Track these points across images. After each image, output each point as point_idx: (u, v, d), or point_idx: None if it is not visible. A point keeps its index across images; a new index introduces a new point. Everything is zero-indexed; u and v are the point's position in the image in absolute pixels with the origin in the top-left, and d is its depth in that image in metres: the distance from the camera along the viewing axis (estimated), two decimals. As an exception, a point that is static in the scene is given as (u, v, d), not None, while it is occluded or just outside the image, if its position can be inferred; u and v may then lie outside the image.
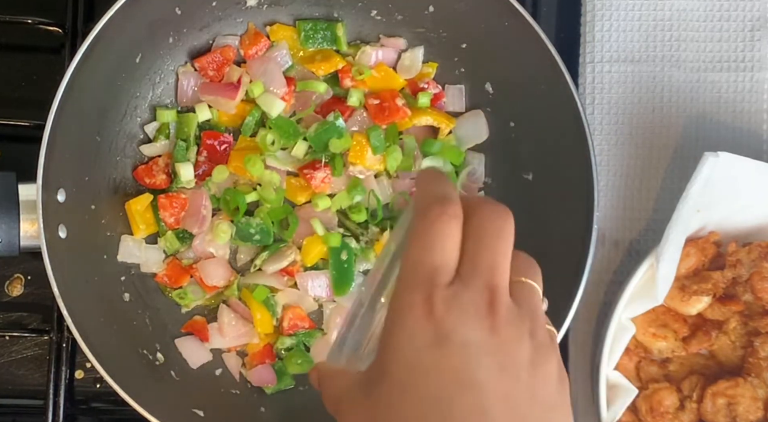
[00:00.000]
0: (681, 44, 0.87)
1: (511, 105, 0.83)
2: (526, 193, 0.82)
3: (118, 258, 0.81)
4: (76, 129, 0.75)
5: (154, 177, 0.82)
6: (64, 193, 0.74)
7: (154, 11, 0.77)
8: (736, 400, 0.78)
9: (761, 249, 0.78)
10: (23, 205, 0.72)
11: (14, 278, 0.86)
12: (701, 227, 0.80)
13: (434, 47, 0.85)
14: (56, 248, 0.72)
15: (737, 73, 0.87)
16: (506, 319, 0.45)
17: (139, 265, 0.82)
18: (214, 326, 0.82)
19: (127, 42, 0.78)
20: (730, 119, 0.87)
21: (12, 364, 0.85)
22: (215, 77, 0.83)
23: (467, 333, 0.44)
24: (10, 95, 0.87)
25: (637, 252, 0.85)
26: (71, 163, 0.76)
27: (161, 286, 0.83)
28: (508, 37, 0.79)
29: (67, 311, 0.71)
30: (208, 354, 0.82)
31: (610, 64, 0.87)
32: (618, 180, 0.86)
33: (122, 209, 0.81)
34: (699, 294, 0.78)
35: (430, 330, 0.44)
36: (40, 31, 0.86)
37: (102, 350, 0.72)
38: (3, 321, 0.85)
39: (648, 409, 0.79)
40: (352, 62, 0.84)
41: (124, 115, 0.82)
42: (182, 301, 0.82)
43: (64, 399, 0.81)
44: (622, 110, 0.87)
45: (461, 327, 0.44)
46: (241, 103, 0.83)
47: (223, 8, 0.82)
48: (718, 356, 0.81)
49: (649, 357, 0.81)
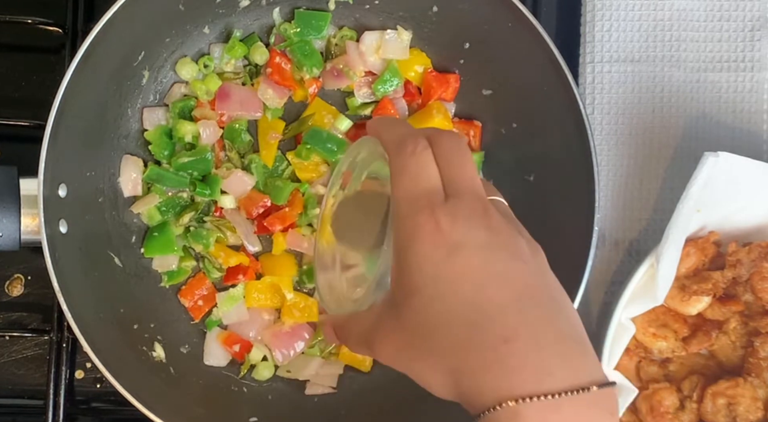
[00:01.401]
0: (681, 44, 0.87)
1: (513, 106, 0.83)
2: (527, 194, 0.82)
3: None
4: (77, 126, 0.75)
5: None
6: (65, 188, 0.74)
7: (155, 10, 0.77)
8: (736, 400, 0.78)
9: (761, 249, 0.78)
10: (24, 200, 0.72)
11: (14, 278, 0.86)
12: (701, 227, 0.80)
13: (437, 46, 0.85)
14: (57, 243, 0.72)
15: (737, 73, 0.87)
16: (500, 221, 0.51)
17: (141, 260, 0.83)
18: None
19: (128, 41, 0.78)
20: (730, 119, 0.87)
21: (12, 364, 0.85)
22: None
23: (476, 237, 0.49)
24: (10, 95, 0.87)
25: (637, 252, 0.85)
26: (73, 158, 0.76)
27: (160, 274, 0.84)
28: (510, 38, 0.79)
29: (67, 306, 0.71)
30: (226, 360, 0.83)
31: (610, 64, 0.87)
32: (618, 180, 0.86)
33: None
34: (699, 294, 0.78)
35: (443, 243, 0.49)
36: (40, 31, 0.86)
37: (101, 346, 0.72)
38: (3, 321, 0.85)
39: (648, 409, 0.79)
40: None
41: (125, 115, 0.82)
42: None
43: (64, 399, 0.81)
44: (622, 110, 0.87)
45: (469, 233, 0.49)
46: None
47: (225, 5, 0.82)
48: (718, 356, 0.81)
49: (649, 357, 0.81)
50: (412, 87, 0.86)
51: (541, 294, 0.49)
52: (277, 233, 0.83)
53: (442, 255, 0.49)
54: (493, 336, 0.48)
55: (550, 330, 0.48)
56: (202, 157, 0.82)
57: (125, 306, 0.80)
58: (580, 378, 0.47)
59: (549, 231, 0.77)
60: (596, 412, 0.47)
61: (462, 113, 0.86)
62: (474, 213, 0.50)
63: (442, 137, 0.53)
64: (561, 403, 0.46)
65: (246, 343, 0.83)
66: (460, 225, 0.49)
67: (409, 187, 0.51)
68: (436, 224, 0.49)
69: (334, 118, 0.84)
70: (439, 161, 0.52)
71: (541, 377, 0.47)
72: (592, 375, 0.48)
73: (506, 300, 0.48)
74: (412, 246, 0.50)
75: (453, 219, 0.49)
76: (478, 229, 0.49)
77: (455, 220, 0.49)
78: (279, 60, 0.84)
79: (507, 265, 0.49)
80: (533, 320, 0.48)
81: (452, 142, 0.53)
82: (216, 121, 0.83)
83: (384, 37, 0.84)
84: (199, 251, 0.83)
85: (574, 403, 0.46)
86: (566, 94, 0.77)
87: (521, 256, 0.50)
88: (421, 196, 0.50)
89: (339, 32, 0.86)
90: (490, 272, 0.49)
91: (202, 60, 0.84)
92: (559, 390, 0.46)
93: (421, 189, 0.51)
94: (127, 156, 0.82)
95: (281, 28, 0.84)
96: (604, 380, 0.48)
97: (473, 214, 0.50)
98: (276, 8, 0.85)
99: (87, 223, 0.78)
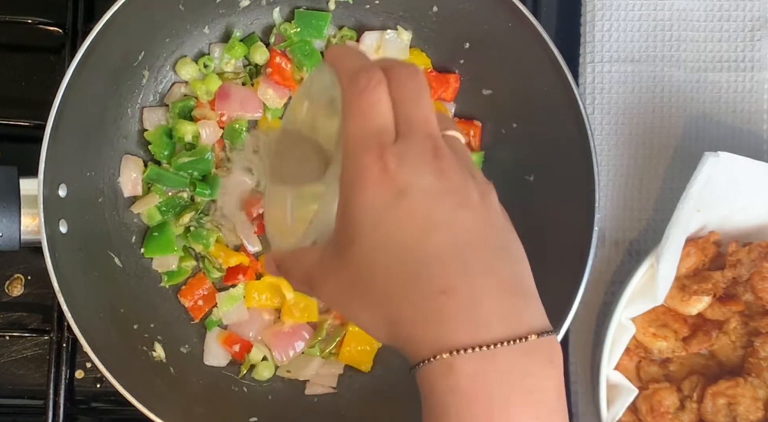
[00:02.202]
0: (681, 44, 0.87)
1: (513, 106, 0.83)
2: (527, 194, 0.82)
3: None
4: (77, 126, 0.75)
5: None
6: (65, 188, 0.74)
7: (155, 10, 0.77)
8: (736, 400, 0.78)
9: (761, 249, 0.78)
10: (24, 200, 0.72)
11: (14, 278, 0.86)
12: (701, 227, 0.80)
13: (437, 46, 0.85)
14: (57, 243, 0.72)
15: (737, 73, 0.87)
16: (450, 164, 0.48)
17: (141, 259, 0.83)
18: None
19: (128, 41, 0.78)
20: (730, 119, 0.87)
21: (12, 364, 0.85)
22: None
23: (423, 181, 0.47)
24: (10, 95, 0.87)
25: (637, 252, 0.85)
26: (73, 158, 0.76)
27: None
28: (510, 38, 0.79)
29: (67, 306, 0.71)
30: (226, 360, 0.83)
31: (610, 64, 0.87)
32: (618, 180, 0.86)
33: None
34: (699, 294, 0.78)
35: (388, 186, 0.47)
36: (40, 31, 0.86)
37: (101, 346, 0.72)
38: (3, 321, 0.85)
39: (648, 409, 0.79)
40: None
41: (125, 115, 0.82)
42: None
43: (64, 399, 0.81)
44: (622, 110, 0.87)
45: (415, 177, 0.47)
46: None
47: (225, 5, 0.82)
48: (719, 356, 0.81)
49: (649, 357, 0.81)
50: (412, 87, 0.85)
51: (485, 243, 0.48)
52: (277, 233, 0.83)
53: (386, 200, 0.47)
54: (430, 287, 0.46)
55: (491, 280, 0.47)
56: (202, 157, 0.82)
57: (125, 306, 0.80)
58: (517, 327, 0.46)
59: (549, 231, 0.77)
60: (534, 360, 0.46)
61: (462, 113, 0.86)
62: (422, 156, 0.48)
63: (398, 71, 0.50)
64: (496, 354, 0.45)
65: (246, 343, 0.83)
66: (408, 168, 0.47)
67: (359, 124, 0.49)
68: (383, 166, 0.47)
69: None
70: (394, 96, 0.49)
71: (477, 328, 0.46)
72: (530, 324, 0.47)
73: (447, 250, 0.47)
74: (357, 189, 0.48)
75: (400, 161, 0.47)
76: (426, 173, 0.47)
77: (402, 163, 0.47)
78: (279, 60, 0.84)
79: (452, 213, 0.47)
80: (473, 271, 0.47)
81: (409, 75, 0.50)
82: (216, 121, 0.83)
83: (384, 37, 0.84)
84: (199, 251, 0.83)
85: (510, 353, 0.45)
86: (566, 94, 0.77)
87: (469, 203, 0.48)
88: (371, 135, 0.48)
89: (339, 32, 0.86)
90: (433, 220, 0.47)
91: (202, 60, 0.84)
92: (493, 341, 0.45)
93: (371, 126, 0.48)
94: (127, 156, 0.82)
95: (281, 28, 0.85)
96: (544, 329, 0.47)
97: (422, 156, 0.48)
98: (276, 8, 0.85)
99: (87, 223, 0.78)
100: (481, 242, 0.48)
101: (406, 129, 0.49)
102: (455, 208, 0.48)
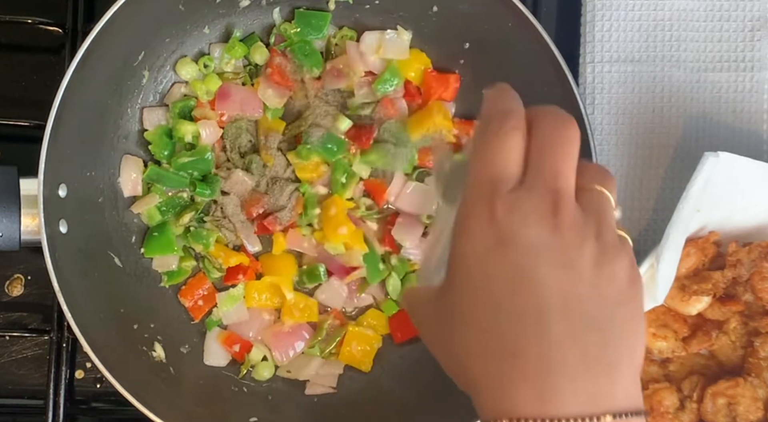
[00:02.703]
0: (681, 44, 0.87)
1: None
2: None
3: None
4: (77, 126, 0.75)
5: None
6: (65, 188, 0.75)
7: (154, 10, 0.77)
8: (736, 400, 0.78)
9: (761, 249, 0.78)
10: (24, 200, 0.72)
11: (14, 278, 0.86)
12: (701, 227, 0.80)
13: (437, 46, 0.85)
14: (57, 243, 0.72)
15: (737, 73, 0.87)
16: (569, 221, 0.45)
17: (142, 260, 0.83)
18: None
19: (128, 41, 0.78)
20: (730, 119, 0.87)
21: (12, 364, 0.85)
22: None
23: (529, 234, 0.45)
24: (10, 95, 0.87)
25: (637, 252, 0.85)
26: (73, 158, 0.76)
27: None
28: (510, 38, 0.79)
29: (67, 306, 0.71)
30: (226, 360, 0.83)
31: (610, 64, 0.87)
32: (618, 180, 0.86)
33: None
34: (699, 294, 0.78)
35: (491, 234, 0.45)
36: (40, 31, 0.86)
37: (101, 346, 0.72)
38: (3, 321, 0.85)
39: (648, 409, 0.79)
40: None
41: (125, 115, 0.82)
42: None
43: (64, 399, 0.81)
44: (622, 110, 0.87)
45: (522, 228, 0.45)
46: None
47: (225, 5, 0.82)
48: (719, 356, 0.81)
49: (649, 357, 0.81)
50: (412, 87, 0.86)
51: (578, 310, 0.44)
52: (277, 233, 0.83)
53: (488, 247, 0.45)
54: (503, 347, 0.45)
55: (571, 350, 0.44)
56: (202, 157, 0.82)
57: (125, 306, 0.80)
58: (590, 406, 0.43)
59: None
60: None
61: (462, 113, 0.86)
62: (536, 208, 0.45)
63: (545, 119, 0.48)
64: None
65: (246, 343, 0.83)
66: (516, 217, 0.45)
67: (480, 169, 0.47)
68: (491, 212, 0.45)
69: (334, 118, 0.84)
70: (532, 144, 0.47)
71: (543, 400, 0.44)
72: (609, 404, 0.44)
73: (529, 310, 0.44)
74: (462, 232, 0.47)
75: (510, 210, 0.45)
76: (536, 226, 0.45)
77: (512, 212, 0.45)
78: (279, 60, 0.84)
79: (549, 272, 0.44)
80: (552, 337, 0.44)
81: (554, 127, 0.47)
82: (216, 121, 0.83)
83: (384, 37, 0.84)
84: (199, 251, 0.83)
85: None
86: (566, 94, 0.77)
87: (574, 264, 0.45)
88: (489, 181, 0.46)
89: (339, 32, 0.86)
90: (526, 276, 0.44)
91: (202, 60, 0.84)
92: (560, 417, 0.43)
93: (490, 173, 0.46)
94: (127, 156, 0.82)
95: (281, 28, 0.85)
96: (626, 410, 0.44)
97: (535, 209, 0.45)
98: (276, 8, 0.85)
99: (87, 223, 0.78)
100: (574, 308, 0.45)
101: (531, 179, 0.46)
102: (556, 267, 0.45)
